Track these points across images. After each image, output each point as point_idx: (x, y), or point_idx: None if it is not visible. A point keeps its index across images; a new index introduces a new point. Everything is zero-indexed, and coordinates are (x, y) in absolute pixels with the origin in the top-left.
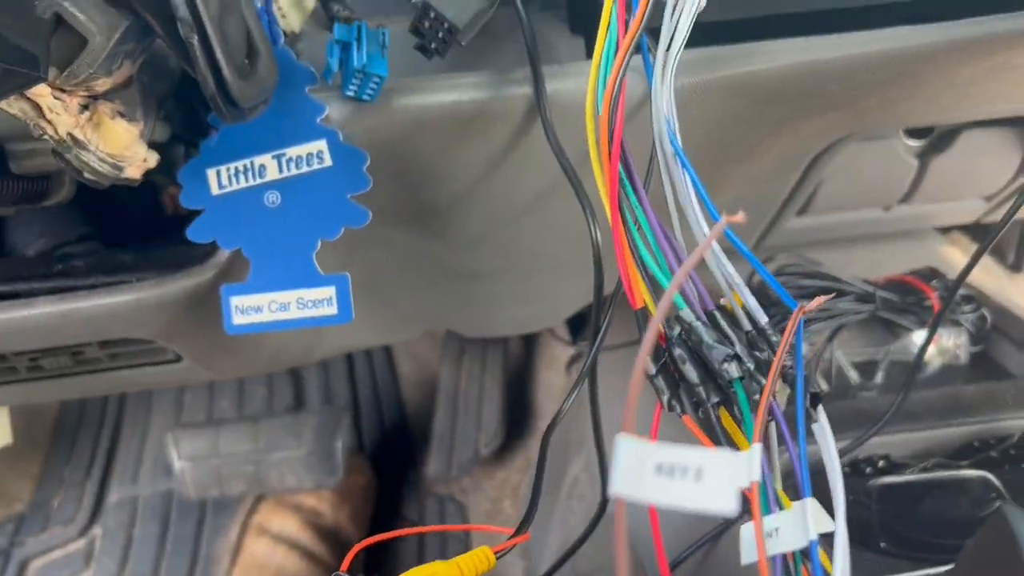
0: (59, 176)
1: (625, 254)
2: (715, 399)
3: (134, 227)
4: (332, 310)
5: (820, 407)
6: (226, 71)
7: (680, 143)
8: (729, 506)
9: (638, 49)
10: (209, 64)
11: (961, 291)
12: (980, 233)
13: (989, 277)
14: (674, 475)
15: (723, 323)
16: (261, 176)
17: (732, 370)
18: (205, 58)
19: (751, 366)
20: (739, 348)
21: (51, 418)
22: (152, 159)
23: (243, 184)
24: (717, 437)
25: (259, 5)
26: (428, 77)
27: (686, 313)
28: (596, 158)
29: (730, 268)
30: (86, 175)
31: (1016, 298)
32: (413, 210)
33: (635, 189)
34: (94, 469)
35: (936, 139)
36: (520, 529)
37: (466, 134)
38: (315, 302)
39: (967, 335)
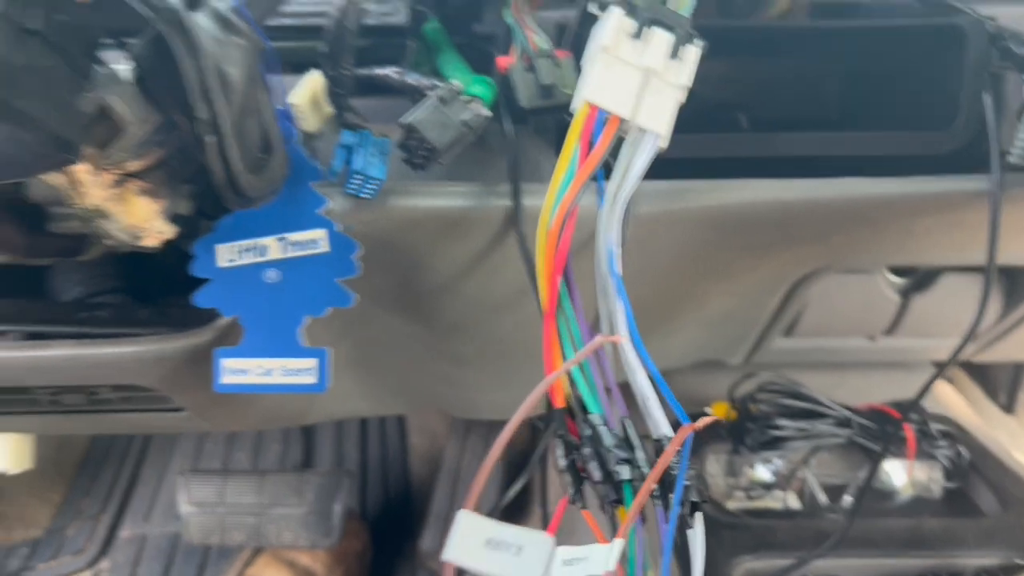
0: (91, 237)
1: (554, 358)
2: (612, 497)
3: (163, 282)
4: (311, 379)
5: (698, 515)
6: (236, 167)
7: (619, 271)
8: None
9: (596, 179)
10: (222, 160)
11: (941, 427)
12: (978, 370)
13: (979, 416)
14: (499, 549)
15: (630, 431)
16: (263, 255)
17: (623, 472)
18: (219, 155)
19: (646, 470)
20: (638, 454)
21: (80, 451)
22: (169, 231)
23: (247, 260)
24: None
25: (279, 108)
26: (422, 182)
27: (595, 417)
28: (541, 271)
29: (643, 383)
30: (107, 241)
31: (1004, 438)
32: (402, 295)
33: (573, 303)
34: (111, 504)
35: (919, 278)
36: None
37: (451, 235)
38: (296, 371)
39: (942, 470)
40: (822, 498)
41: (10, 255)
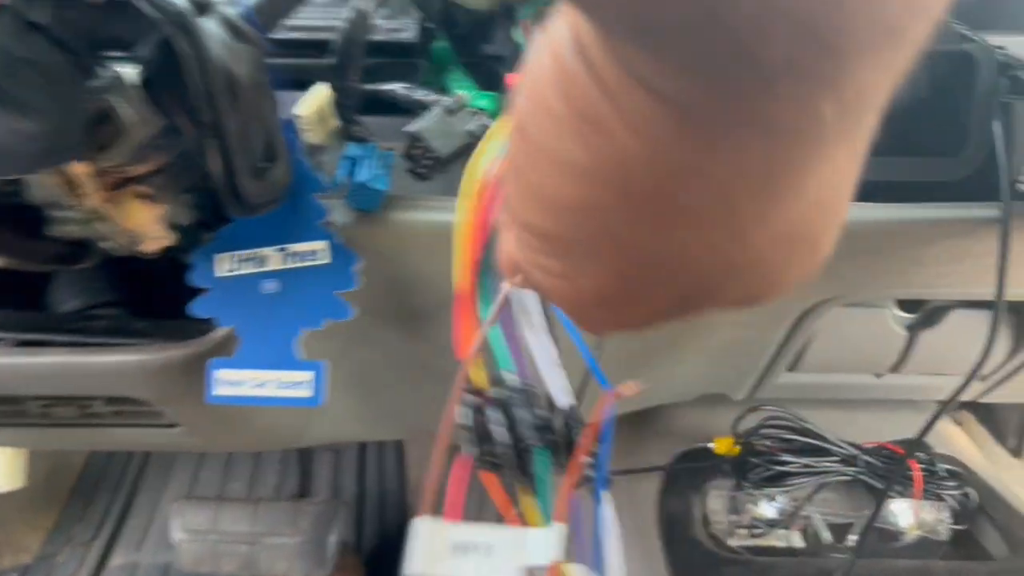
0: (90, 243)
1: (467, 312)
2: (513, 462)
3: (162, 298)
4: (307, 392)
5: (606, 493)
6: (239, 172)
7: None
8: None
9: None
10: (224, 164)
11: (949, 466)
12: (986, 413)
13: (987, 459)
14: (468, 552)
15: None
16: (263, 265)
17: (531, 438)
18: (221, 160)
19: (554, 439)
20: (556, 422)
21: (72, 476)
22: (168, 239)
23: (246, 270)
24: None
25: (283, 119)
26: (423, 196)
27: (511, 378)
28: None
29: (542, 336)
30: (105, 244)
31: (1012, 484)
32: (403, 312)
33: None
34: (103, 531)
35: (926, 314)
36: None
37: (451, 249)
38: (292, 384)
39: (949, 511)
40: (826, 537)
41: (6, 258)
